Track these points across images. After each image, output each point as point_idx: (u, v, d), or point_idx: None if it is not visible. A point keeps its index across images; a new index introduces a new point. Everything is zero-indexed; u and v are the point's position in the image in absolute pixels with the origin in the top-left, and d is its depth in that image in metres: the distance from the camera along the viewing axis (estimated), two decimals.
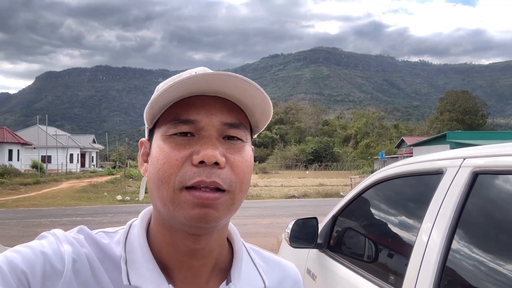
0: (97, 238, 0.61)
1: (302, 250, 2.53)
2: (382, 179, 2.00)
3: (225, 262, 0.66)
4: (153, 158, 0.59)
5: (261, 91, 0.58)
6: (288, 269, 0.74)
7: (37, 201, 17.72)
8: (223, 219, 0.58)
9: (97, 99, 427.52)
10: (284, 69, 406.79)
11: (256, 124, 0.65)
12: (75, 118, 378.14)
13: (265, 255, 0.74)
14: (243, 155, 0.59)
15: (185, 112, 0.57)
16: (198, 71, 0.64)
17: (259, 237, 8.98)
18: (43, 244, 0.55)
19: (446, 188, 1.39)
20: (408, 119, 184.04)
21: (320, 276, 2.23)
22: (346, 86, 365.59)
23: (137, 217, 0.66)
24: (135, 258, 0.59)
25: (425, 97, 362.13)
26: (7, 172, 29.85)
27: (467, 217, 1.29)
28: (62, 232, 0.60)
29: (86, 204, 16.88)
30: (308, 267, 2.42)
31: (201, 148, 0.55)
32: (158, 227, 0.62)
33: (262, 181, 28.58)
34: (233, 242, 0.69)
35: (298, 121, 77.76)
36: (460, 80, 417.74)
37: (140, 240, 0.61)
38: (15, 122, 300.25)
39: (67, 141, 47.78)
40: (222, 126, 0.58)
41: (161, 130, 0.59)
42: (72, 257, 0.55)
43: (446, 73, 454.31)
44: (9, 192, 21.91)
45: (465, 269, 1.24)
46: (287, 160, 56.77)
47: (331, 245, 2.27)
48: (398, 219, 1.81)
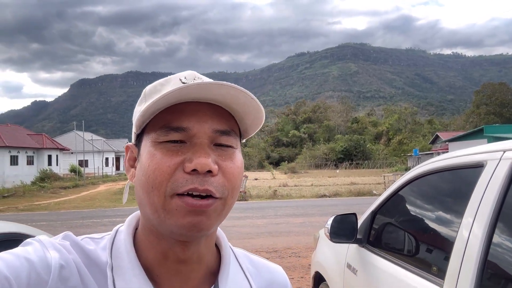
0: (82, 244, 0.60)
1: (341, 246, 2.62)
2: (420, 174, 2.02)
3: (213, 267, 0.66)
4: (143, 164, 0.58)
5: (254, 99, 0.58)
6: (276, 272, 0.74)
7: (78, 204, 18.53)
8: (214, 226, 0.58)
9: (129, 104, 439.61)
10: (311, 67, 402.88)
11: (246, 130, 0.65)
12: (109, 123, 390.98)
13: (253, 259, 0.74)
14: (234, 161, 0.59)
15: (176, 119, 0.57)
16: (187, 75, 0.63)
17: (292, 236, 9.03)
18: (28, 251, 0.55)
19: (486, 182, 1.40)
20: (442, 114, 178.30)
21: (361, 270, 2.28)
22: (375, 82, 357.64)
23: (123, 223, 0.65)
24: (121, 265, 0.58)
25: (460, 91, 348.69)
26: (48, 177, 31.37)
27: (508, 210, 1.29)
28: (48, 238, 0.59)
29: (123, 206, 17.50)
30: (348, 262, 2.49)
31: (194, 156, 0.55)
32: (146, 233, 0.61)
33: (292, 181, 28.52)
34: (221, 247, 0.68)
35: (326, 120, 76.79)
36: (497, 72, 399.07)
37: (126, 246, 0.60)
38: (52, 129, 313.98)
39: (103, 145, 49.56)
40: (214, 133, 0.58)
41: (151, 137, 0.58)
42: (59, 264, 0.54)
43: (481, 65, 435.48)
44: (51, 195, 23.03)
45: (507, 263, 1.26)
46: (316, 159, 56.28)
47: (371, 240, 2.32)
48: (437, 214, 1.83)
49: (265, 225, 10.72)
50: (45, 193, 23.65)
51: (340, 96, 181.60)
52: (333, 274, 2.77)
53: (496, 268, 1.28)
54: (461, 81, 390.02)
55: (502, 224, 1.29)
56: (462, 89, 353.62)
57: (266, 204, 16.58)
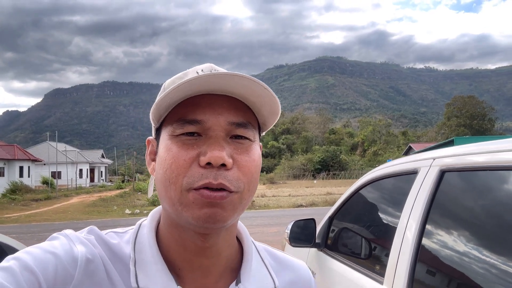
0: (107, 239, 0.61)
1: (303, 251, 2.72)
2: (367, 181, 2.21)
3: (235, 261, 0.65)
4: (161, 158, 0.58)
5: (268, 90, 0.57)
6: (300, 269, 0.73)
7: (49, 216, 18.03)
8: (230, 219, 0.57)
9: (105, 114, 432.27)
10: (289, 79, 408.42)
11: (264, 122, 0.64)
12: (84, 134, 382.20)
13: (277, 255, 0.73)
14: (250, 154, 0.58)
15: (191, 112, 0.57)
16: (204, 68, 0.63)
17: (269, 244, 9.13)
18: (54, 245, 0.55)
19: (418, 187, 1.56)
20: (415, 125, 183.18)
21: (319, 273, 2.40)
22: (351, 94, 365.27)
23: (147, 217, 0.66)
24: (144, 259, 0.59)
25: (432, 103, 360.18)
26: (19, 189, 30.40)
27: (435, 212, 1.45)
28: (74, 232, 0.60)
29: (96, 218, 17.14)
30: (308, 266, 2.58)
31: (208, 149, 0.55)
32: (167, 226, 0.61)
33: (270, 191, 28.66)
34: (243, 242, 0.68)
35: (304, 131, 77.77)
36: (467, 85, 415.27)
37: (149, 240, 0.61)
38: (24, 139, 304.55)
39: (77, 156, 48.42)
40: (229, 125, 0.57)
41: (168, 130, 0.58)
42: (85, 258, 0.55)
43: (453, 79, 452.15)
44: (21, 208, 22.31)
45: (434, 259, 1.40)
46: (294, 170, 56.70)
47: (328, 244, 2.45)
48: (382, 217, 2.02)
49: None
50: (16, 206, 22.90)
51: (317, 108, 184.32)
52: None
53: (425, 263, 1.43)
54: (433, 94, 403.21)
55: (430, 226, 1.44)
56: (434, 101, 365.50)
57: (243, 214, 16.59)
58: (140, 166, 73.93)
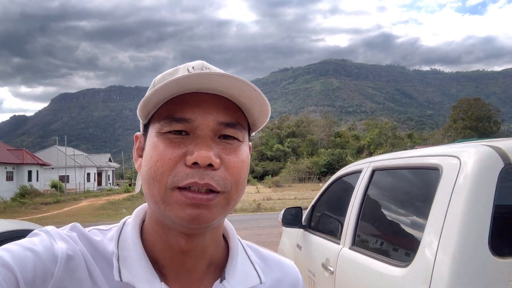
0: (89, 236, 0.60)
1: (293, 233, 3.66)
2: (334, 179, 3.16)
3: (220, 259, 0.65)
4: (146, 155, 0.57)
5: (258, 91, 0.56)
6: (287, 268, 0.72)
7: (60, 219, 18.39)
8: (216, 220, 0.56)
9: (111, 118, 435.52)
10: (294, 83, 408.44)
11: (255, 122, 0.63)
12: (90, 138, 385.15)
13: (264, 253, 0.72)
14: (238, 155, 0.58)
15: (180, 109, 0.56)
16: (195, 65, 0.63)
17: (272, 245, 9.34)
18: (34, 242, 0.54)
19: (361, 180, 2.45)
20: (422, 128, 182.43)
21: (304, 246, 3.27)
22: (357, 97, 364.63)
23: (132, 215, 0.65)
24: (127, 255, 0.58)
25: (438, 106, 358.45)
26: (28, 193, 30.87)
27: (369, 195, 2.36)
28: (55, 229, 0.58)
29: (106, 220, 17.48)
30: (298, 243, 3.49)
31: (195, 149, 0.54)
32: (152, 224, 0.61)
33: (276, 195, 28.86)
34: (229, 239, 0.67)
35: (310, 134, 77.86)
36: (474, 88, 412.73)
37: (133, 237, 0.60)
38: (32, 144, 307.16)
39: (84, 160, 48.98)
40: (218, 125, 0.56)
41: (156, 127, 0.57)
42: (66, 254, 0.54)
43: (459, 81, 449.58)
44: (32, 211, 22.73)
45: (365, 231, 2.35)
46: (300, 173, 56.82)
47: (311, 225, 3.30)
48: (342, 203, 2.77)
49: (247, 236, 11.01)
50: (27, 209, 23.32)
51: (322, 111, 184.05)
52: (289, 253, 3.69)
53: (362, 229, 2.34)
54: (439, 96, 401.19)
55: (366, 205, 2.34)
56: (441, 104, 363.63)
57: (249, 216, 16.86)
58: None
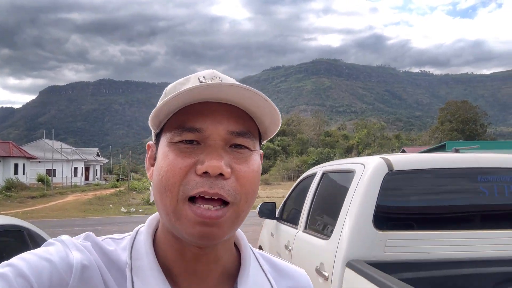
0: (103, 245, 0.60)
1: (270, 225, 4.37)
2: (300, 180, 4.04)
3: (232, 268, 0.65)
4: (158, 164, 0.58)
5: (268, 101, 0.57)
6: (299, 276, 0.72)
7: (46, 213, 18.28)
8: (226, 236, 0.56)
9: (100, 112, 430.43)
10: (286, 81, 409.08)
11: (265, 131, 0.63)
12: (78, 132, 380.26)
13: (276, 262, 0.72)
14: (249, 164, 0.57)
15: (191, 119, 0.56)
16: (206, 75, 0.63)
17: (256, 242, 9.49)
18: (50, 251, 0.54)
19: (314, 181, 3.27)
20: (410, 129, 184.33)
21: (276, 234, 4.04)
22: (347, 97, 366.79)
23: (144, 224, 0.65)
24: (140, 265, 0.58)
25: (427, 107, 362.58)
26: (14, 186, 30.53)
27: (319, 192, 3.15)
28: (70, 238, 0.59)
29: (93, 216, 17.43)
30: (272, 232, 4.23)
31: (206, 158, 0.54)
32: (165, 233, 0.61)
33: (264, 193, 29.03)
34: (241, 248, 0.67)
35: (300, 133, 78.22)
36: (462, 90, 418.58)
37: (146, 247, 0.60)
38: (18, 136, 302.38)
39: (72, 154, 48.48)
40: (229, 135, 0.56)
41: (167, 136, 0.58)
42: (81, 264, 0.54)
43: (448, 83, 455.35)
44: (18, 205, 22.51)
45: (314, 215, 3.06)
46: (289, 172, 57.10)
47: (283, 217, 4.07)
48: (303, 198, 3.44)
49: None
50: (12, 203, 23.09)
51: (313, 110, 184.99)
52: (265, 242, 4.56)
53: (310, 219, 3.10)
54: (428, 98, 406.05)
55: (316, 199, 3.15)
56: (429, 105, 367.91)
57: None
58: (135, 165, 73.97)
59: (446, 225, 2.31)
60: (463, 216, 2.39)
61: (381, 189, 2.22)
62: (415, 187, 2.37)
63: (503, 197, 2.35)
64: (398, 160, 2.37)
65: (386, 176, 2.26)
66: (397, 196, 2.37)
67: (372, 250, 2.15)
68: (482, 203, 2.37)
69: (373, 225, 2.17)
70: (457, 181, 2.42)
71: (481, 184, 2.34)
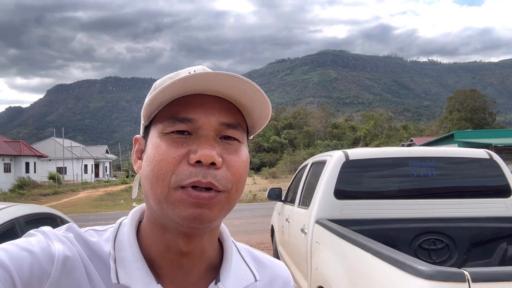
0: (86, 237, 0.60)
1: (279, 205, 5.36)
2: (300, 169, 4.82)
3: (216, 261, 0.66)
4: (149, 155, 0.58)
5: (261, 92, 0.57)
6: (278, 268, 0.74)
7: (60, 210, 18.55)
8: (217, 219, 0.57)
9: (108, 109, 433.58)
10: (291, 74, 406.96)
11: (253, 125, 0.65)
12: (86, 130, 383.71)
13: (256, 255, 0.74)
14: (239, 155, 0.59)
15: (183, 110, 0.57)
16: (197, 69, 0.64)
17: (265, 233, 9.66)
18: (31, 242, 0.54)
19: (306, 169, 4.25)
20: (419, 119, 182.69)
21: (281, 213, 4.98)
22: (354, 88, 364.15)
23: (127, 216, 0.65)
24: (124, 257, 0.58)
25: (435, 97, 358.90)
26: (26, 184, 31.05)
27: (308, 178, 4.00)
28: (52, 229, 0.58)
29: (105, 211, 17.80)
30: (279, 212, 5.22)
31: (199, 148, 0.55)
32: (150, 226, 0.61)
33: (272, 185, 29.21)
34: (223, 241, 0.68)
35: (306, 125, 78.03)
36: (470, 79, 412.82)
37: (129, 238, 0.60)
38: (28, 135, 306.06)
39: (82, 152, 49.12)
40: (220, 126, 0.57)
41: (158, 128, 0.58)
42: (63, 255, 0.54)
43: (456, 72, 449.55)
44: (31, 202, 22.98)
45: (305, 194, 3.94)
46: (296, 164, 57.10)
47: (286, 199, 4.94)
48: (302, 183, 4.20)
49: (242, 225, 11.38)
50: (26, 200, 23.56)
51: (320, 102, 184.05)
52: (275, 220, 5.59)
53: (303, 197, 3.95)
54: (436, 87, 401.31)
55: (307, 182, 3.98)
56: (437, 95, 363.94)
57: (245, 207, 17.23)
58: None
59: (384, 196, 3.23)
60: (397, 190, 3.26)
61: (340, 172, 3.22)
62: (364, 170, 3.30)
63: (427, 177, 3.26)
64: (353, 152, 3.34)
65: (344, 163, 3.25)
66: (351, 177, 3.27)
67: (333, 213, 3.13)
68: (411, 181, 3.26)
69: (334, 196, 3.16)
70: (394, 166, 3.32)
71: (410, 168, 3.28)
